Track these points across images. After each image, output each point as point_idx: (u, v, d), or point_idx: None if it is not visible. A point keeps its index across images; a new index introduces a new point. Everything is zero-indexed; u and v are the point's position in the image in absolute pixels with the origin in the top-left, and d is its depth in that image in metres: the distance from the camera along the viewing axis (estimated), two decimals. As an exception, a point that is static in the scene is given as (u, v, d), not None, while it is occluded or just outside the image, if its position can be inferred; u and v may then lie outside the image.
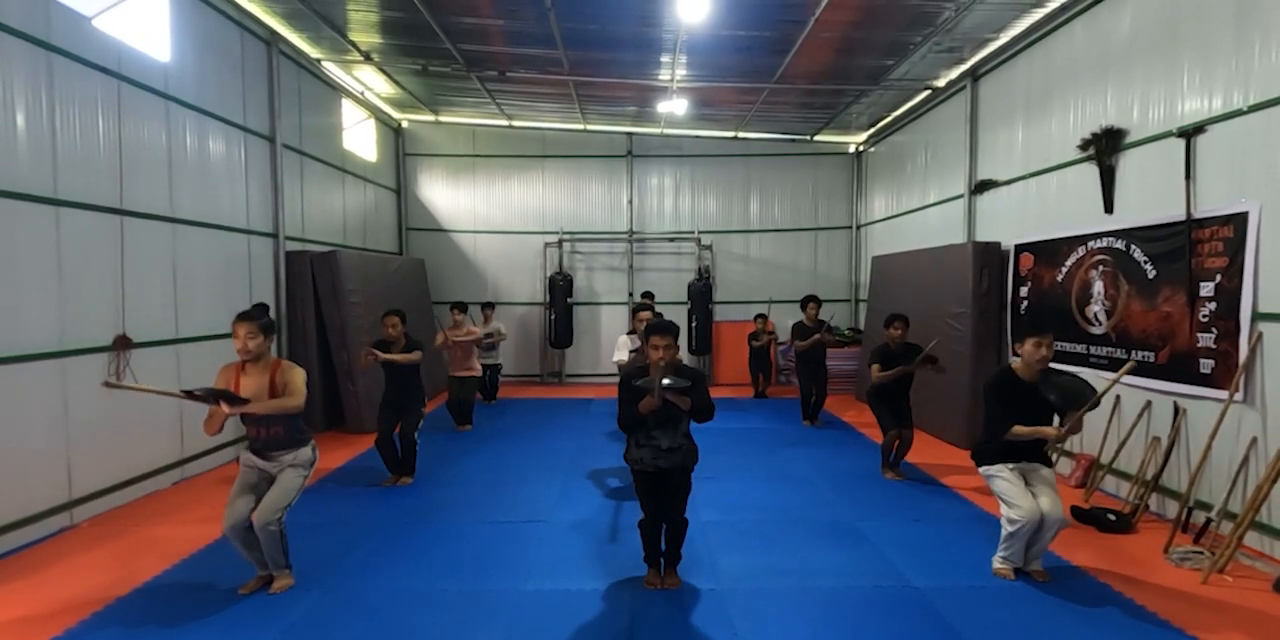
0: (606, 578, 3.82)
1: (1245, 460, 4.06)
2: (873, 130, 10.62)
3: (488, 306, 9.37)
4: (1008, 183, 6.81)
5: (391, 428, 5.57)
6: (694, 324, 10.70)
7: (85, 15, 4.82)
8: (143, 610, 3.43)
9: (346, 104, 9.20)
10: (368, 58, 8.12)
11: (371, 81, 9.30)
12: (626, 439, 3.74)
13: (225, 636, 3.19)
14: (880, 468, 5.92)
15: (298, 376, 3.64)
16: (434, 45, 7.60)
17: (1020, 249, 6.54)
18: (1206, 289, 4.38)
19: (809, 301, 7.97)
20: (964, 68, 7.52)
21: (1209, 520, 4.17)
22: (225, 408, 3.39)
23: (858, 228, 11.40)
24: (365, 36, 7.62)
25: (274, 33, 7.14)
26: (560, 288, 10.74)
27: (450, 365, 7.55)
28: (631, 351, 6.21)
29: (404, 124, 11.19)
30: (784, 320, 10.87)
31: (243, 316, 3.58)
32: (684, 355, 10.70)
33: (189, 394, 3.36)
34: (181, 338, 5.70)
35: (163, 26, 5.62)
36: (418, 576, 3.84)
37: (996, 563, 3.88)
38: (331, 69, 8.55)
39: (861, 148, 11.24)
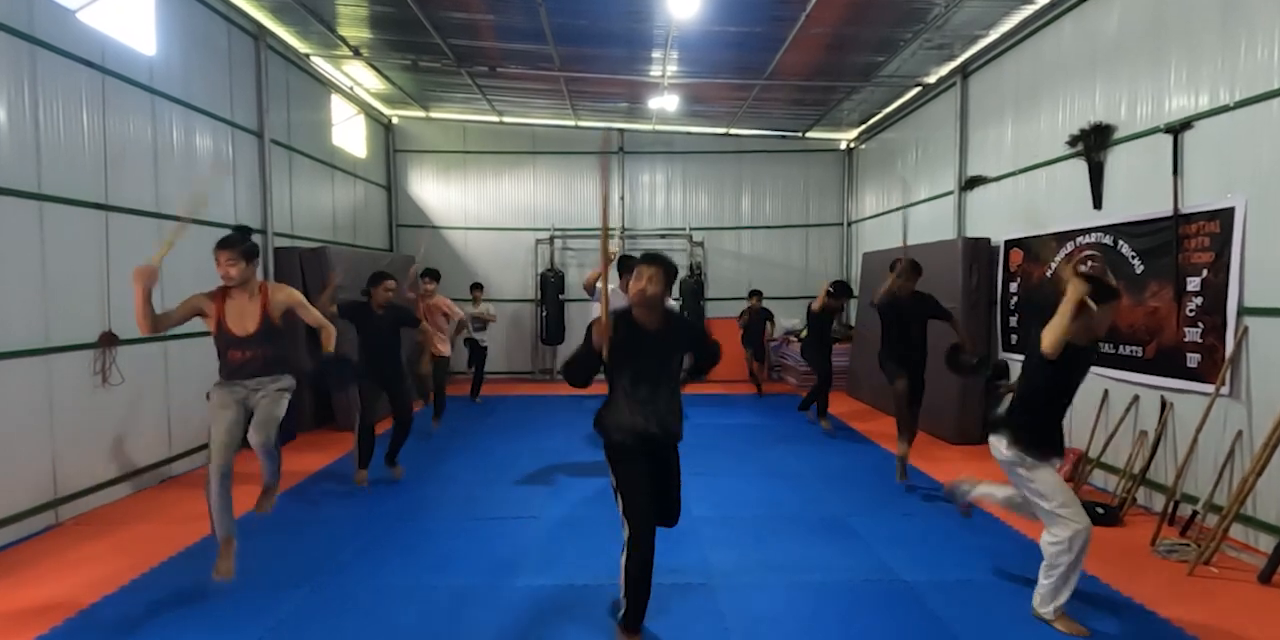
0: (597, 573, 3.80)
1: (1231, 454, 4.10)
2: (864, 127, 10.64)
3: (476, 288, 9.26)
4: (997, 179, 6.84)
5: (378, 406, 5.30)
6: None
7: (69, 8, 4.76)
8: (130, 608, 3.40)
9: (336, 99, 9.14)
10: (357, 53, 8.06)
11: (361, 77, 9.23)
12: (603, 405, 3.03)
13: (213, 633, 3.16)
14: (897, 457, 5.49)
15: (296, 295, 3.67)
16: (424, 40, 7.56)
17: (1010, 245, 6.58)
18: (1193, 284, 4.41)
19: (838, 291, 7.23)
20: (954, 64, 7.54)
21: (1195, 513, 4.21)
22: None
23: (849, 224, 11.43)
24: (354, 31, 7.57)
25: (261, 27, 7.07)
26: (552, 284, 10.72)
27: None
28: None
29: (394, 120, 11.12)
30: (778, 319, 10.90)
31: (223, 242, 3.49)
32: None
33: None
34: (169, 335, 5.62)
35: (148, 20, 5.56)
36: (407, 573, 3.82)
37: (1051, 614, 3.14)
38: (320, 64, 8.49)
39: (852, 144, 11.26)
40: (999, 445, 3.28)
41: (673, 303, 4.25)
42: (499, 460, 6.24)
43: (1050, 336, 2.99)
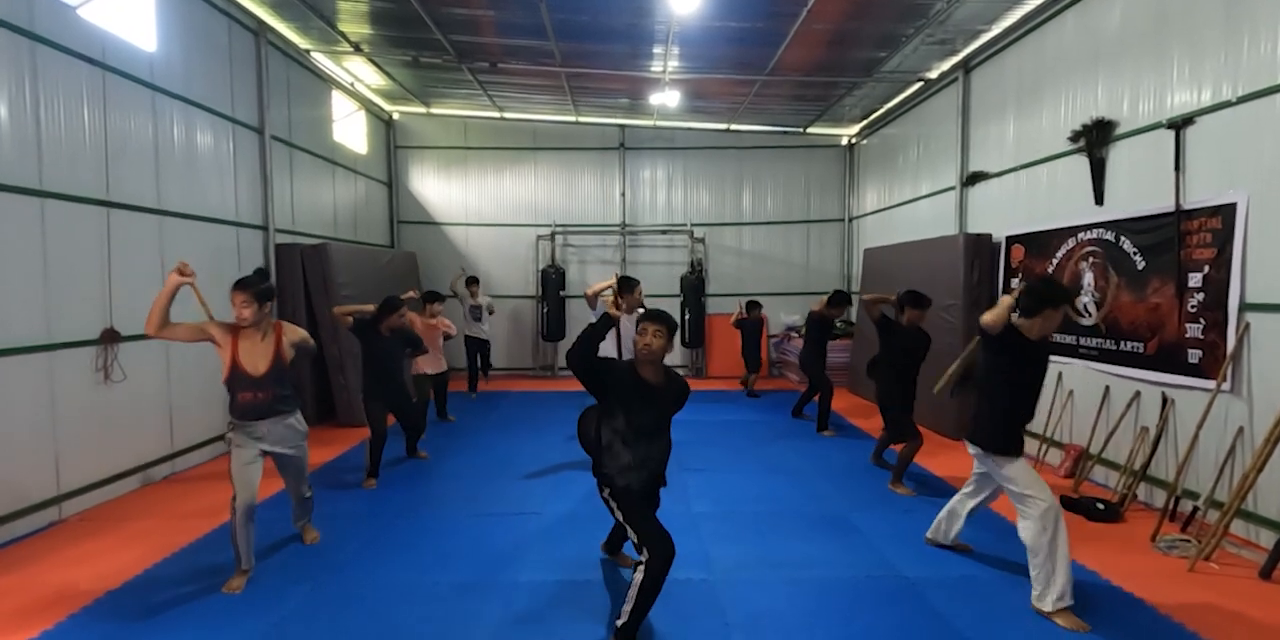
0: (599, 568, 3.83)
1: (1232, 450, 4.10)
2: (865, 123, 10.61)
3: (473, 281, 9.29)
4: (999, 175, 6.83)
5: (385, 420, 5.49)
6: (686, 317, 10.71)
7: (69, 4, 4.75)
8: (134, 603, 3.42)
9: (336, 95, 9.12)
10: (357, 49, 8.04)
11: (362, 73, 9.22)
12: (599, 450, 3.19)
13: (217, 629, 3.18)
14: (891, 481, 5.32)
15: (301, 331, 3.83)
16: (425, 36, 7.54)
17: (1011, 241, 6.56)
18: (1195, 280, 4.41)
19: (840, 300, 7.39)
20: (956, 60, 7.51)
21: (1196, 509, 4.22)
22: None
23: (850, 220, 11.41)
24: (355, 27, 7.55)
25: (262, 22, 7.06)
26: (553, 281, 10.71)
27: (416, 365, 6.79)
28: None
29: (395, 116, 11.10)
30: (775, 313, 10.92)
31: (239, 284, 3.59)
32: (676, 348, 10.72)
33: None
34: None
35: (148, 16, 5.55)
36: (409, 569, 3.84)
37: (1050, 608, 3.19)
38: (321, 60, 8.47)
39: (854, 140, 11.24)
40: (970, 449, 3.65)
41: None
42: (500, 456, 6.25)
43: (988, 315, 3.40)
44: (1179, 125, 4.52)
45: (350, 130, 9.71)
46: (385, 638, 3.12)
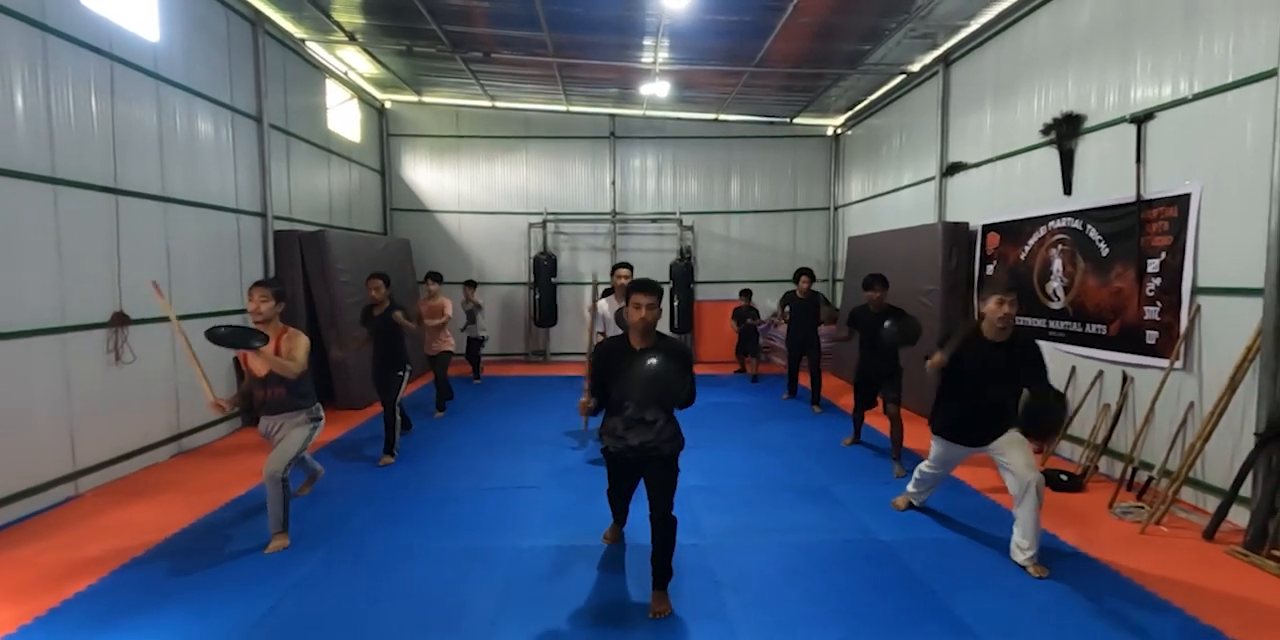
0: (598, 535, 4.08)
1: (1183, 423, 4.43)
2: (850, 113, 10.84)
3: (469, 285, 9.43)
4: (976, 165, 7.10)
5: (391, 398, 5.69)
6: (676, 303, 10.95)
7: (76, -5, 4.88)
8: (157, 569, 3.64)
9: (330, 84, 9.22)
10: (352, 38, 8.15)
11: (355, 61, 9.31)
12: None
13: (238, 592, 3.40)
14: (850, 439, 6.16)
15: (300, 346, 3.92)
16: (418, 26, 7.66)
17: (987, 229, 6.85)
18: (1153, 266, 4.70)
19: (802, 274, 7.69)
20: (937, 53, 7.75)
21: (1150, 479, 4.54)
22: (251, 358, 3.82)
23: (835, 209, 11.67)
24: (349, 16, 7.66)
25: (259, 12, 7.15)
26: (544, 268, 10.91)
27: (424, 344, 7.48)
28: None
29: (388, 104, 11.20)
30: (764, 301, 11.18)
31: (259, 281, 3.92)
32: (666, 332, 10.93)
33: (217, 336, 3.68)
34: (179, 316, 5.78)
35: (150, 6, 5.66)
36: (418, 536, 4.08)
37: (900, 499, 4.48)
38: (315, 49, 8.57)
39: (839, 130, 11.47)
40: None
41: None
42: (498, 435, 6.49)
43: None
44: (1140, 120, 4.79)
45: (344, 119, 9.81)
46: (397, 596, 3.36)
